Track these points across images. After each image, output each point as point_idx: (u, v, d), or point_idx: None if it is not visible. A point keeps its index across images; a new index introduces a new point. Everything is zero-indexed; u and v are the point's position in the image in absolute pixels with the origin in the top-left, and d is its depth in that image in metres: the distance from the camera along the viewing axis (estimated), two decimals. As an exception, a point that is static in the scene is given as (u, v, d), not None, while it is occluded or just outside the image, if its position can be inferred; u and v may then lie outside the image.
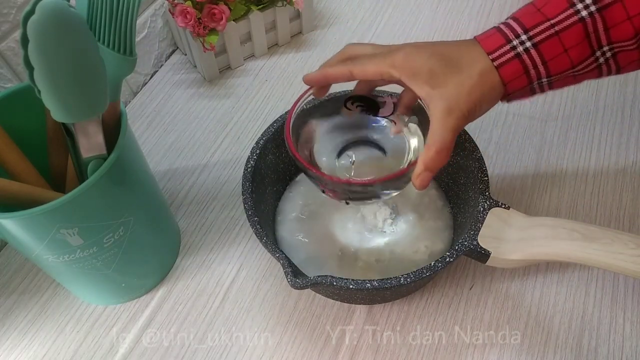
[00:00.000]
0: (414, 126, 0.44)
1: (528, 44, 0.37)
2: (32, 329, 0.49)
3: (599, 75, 0.40)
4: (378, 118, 0.46)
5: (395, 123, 0.45)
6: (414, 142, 0.44)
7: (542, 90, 0.41)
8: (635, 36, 0.35)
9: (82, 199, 0.36)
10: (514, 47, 0.37)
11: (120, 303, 0.50)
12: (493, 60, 0.37)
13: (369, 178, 0.42)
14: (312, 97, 0.45)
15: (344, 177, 0.43)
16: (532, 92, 0.41)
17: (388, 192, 0.43)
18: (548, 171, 0.57)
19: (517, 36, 0.37)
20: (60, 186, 0.43)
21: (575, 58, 0.37)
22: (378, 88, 0.46)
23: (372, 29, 0.68)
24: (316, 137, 0.46)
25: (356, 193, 0.42)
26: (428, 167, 0.37)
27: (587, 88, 0.65)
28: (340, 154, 0.45)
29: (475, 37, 0.39)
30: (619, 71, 0.39)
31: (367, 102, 0.46)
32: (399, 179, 0.40)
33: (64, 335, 0.48)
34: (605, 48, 0.37)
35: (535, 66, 0.37)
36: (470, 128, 0.52)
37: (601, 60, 0.38)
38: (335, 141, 0.45)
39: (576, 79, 0.40)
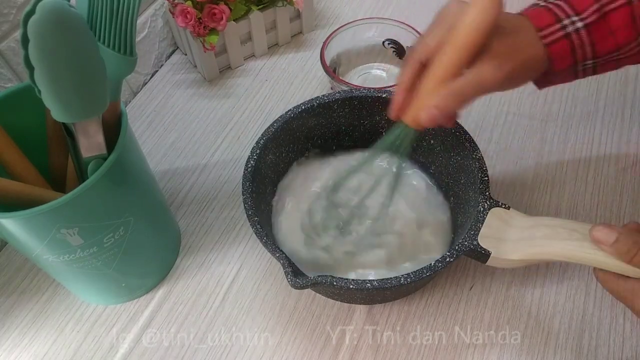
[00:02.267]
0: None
1: (579, 24, 0.38)
2: (32, 329, 0.49)
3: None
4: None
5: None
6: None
7: (585, 74, 0.41)
8: None
9: (83, 199, 0.36)
10: (564, 27, 0.38)
11: (120, 303, 0.50)
12: (543, 37, 0.38)
13: None
14: None
15: None
16: (575, 76, 0.42)
17: None
18: (548, 171, 0.57)
19: (568, 16, 0.38)
20: (60, 186, 0.43)
21: (621, 40, 0.38)
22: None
23: (373, 29, 0.68)
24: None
25: None
26: (447, 105, 0.36)
27: (587, 88, 0.65)
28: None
29: (522, 13, 0.40)
30: None
31: (397, 45, 0.60)
32: None
33: (64, 335, 0.48)
34: None
35: (582, 46, 0.39)
36: (470, 128, 0.52)
37: None
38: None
39: (618, 63, 0.41)
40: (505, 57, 0.36)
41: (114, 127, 0.40)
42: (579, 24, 0.38)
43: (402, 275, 0.39)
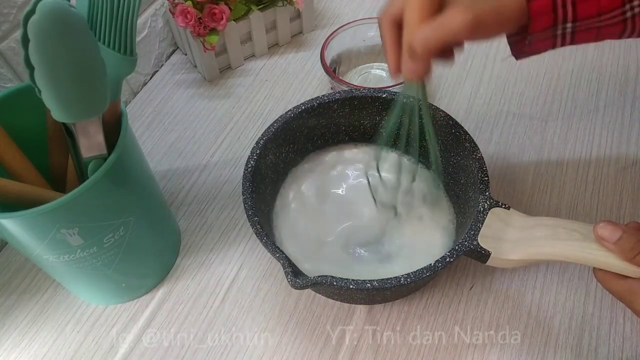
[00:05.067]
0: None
1: None
2: (32, 329, 0.49)
3: (622, 32, 0.39)
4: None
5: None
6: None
7: (563, 42, 0.39)
8: None
9: (83, 199, 0.36)
10: None
11: (120, 303, 0.50)
12: None
13: None
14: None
15: None
16: (553, 42, 0.40)
17: None
18: (548, 171, 0.57)
19: None
20: (60, 186, 0.43)
21: (605, 5, 0.36)
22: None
23: (372, 29, 0.68)
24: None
25: None
26: (417, 52, 0.36)
27: (587, 88, 0.65)
28: None
29: None
30: None
31: None
32: None
33: (64, 335, 0.48)
34: (635, 2, 0.36)
35: (564, 5, 0.37)
36: (470, 128, 0.52)
37: (628, 14, 0.37)
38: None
39: (599, 32, 0.38)
40: (467, 8, 0.35)
41: (114, 127, 0.40)
42: None
43: (402, 275, 0.39)
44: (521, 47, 0.41)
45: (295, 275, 0.39)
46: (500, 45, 0.72)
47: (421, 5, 0.36)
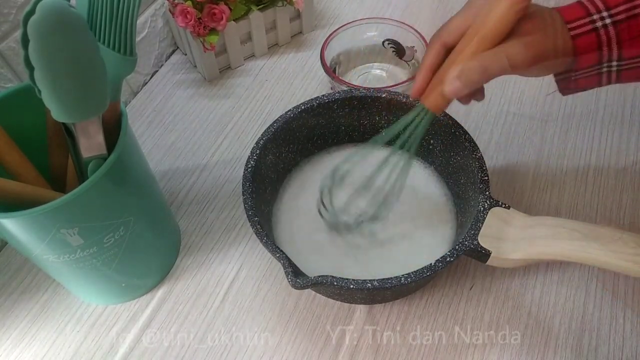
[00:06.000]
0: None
1: (608, 20, 0.37)
2: (32, 329, 0.49)
3: None
4: None
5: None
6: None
7: (609, 80, 0.40)
8: None
9: (83, 199, 0.36)
10: (593, 21, 0.38)
11: (120, 303, 0.50)
12: (570, 29, 0.38)
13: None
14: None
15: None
16: (599, 79, 0.41)
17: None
18: (548, 171, 0.57)
19: (598, 11, 0.38)
20: (60, 186, 0.43)
21: None
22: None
23: (372, 28, 0.68)
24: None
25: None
26: (469, 80, 0.37)
27: (587, 88, 0.65)
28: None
29: (555, 8, 0.39)
30: None
31: (397, 45, 0.61)
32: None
33: (64, 335, 0.48)
34: None
35: (609, 44, 0.38)
36: (470, 128, 0.52)
37: None
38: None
39: None
40: (535, 38, 0.37)
41: (114, 127, 0.40)
42: (608, 20, 0.37)
43: (402, 275, 0.39)
44: (567, 83, 0.42)
45: (295, 275, 0.39)
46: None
47: (485, 43, 0.37)
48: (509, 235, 0.41)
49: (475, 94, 0.43)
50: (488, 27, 0.36)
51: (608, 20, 0.38)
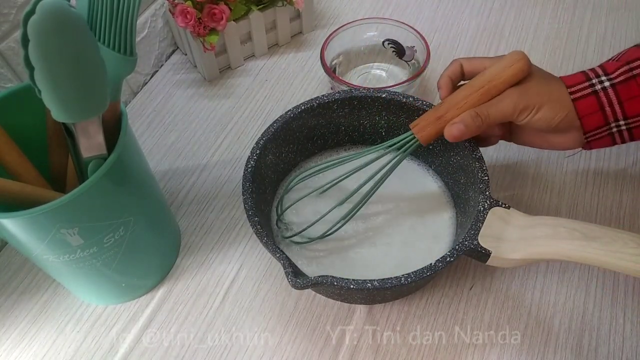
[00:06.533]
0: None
1: (607, 83, 0.41)
2: (32, 329, 0.49)
3: None
4: None
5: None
6: None
7: (622, 139, 0.43)
8: None
9: (83, 199, 0.36)
10: (592, 85, 0.41)
11: (120, 303, 0.50)
12: (571, 93, 0.42)
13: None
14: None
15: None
16: (612, 140, 0.43)
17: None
18: (548, 171, 0.57)
19: (598, 76, 0.41)
20: (60, 186, 0.43)
21: None
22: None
23: (372, 28, 0.68)
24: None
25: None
26: (464, 120, 0.42)
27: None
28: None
29: (560, 77, 0.44)
30: None
31: (397, 45, 0.63)
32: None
33: (64, 335, 0.48)
34: None
35: (610, 104, 0.41)
36: (470, 128, 0.52)
37: None
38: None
39: None
40: (533, 98, 0.41)
41: (114, 127, 0.40)
42: (607, 83, 0.41)
43: (403, 275, 0.39)
44: (587, 144, 0.45)
45: (295, 275, 0.39)
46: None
47: (487, 98, 0.42)
48: (509, 235, 0.41)
49: (487, 140, 0.48)
50: (493, 84, 0.41)
51: (607, 83, 0.41)
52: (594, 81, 0.41)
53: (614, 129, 0.42)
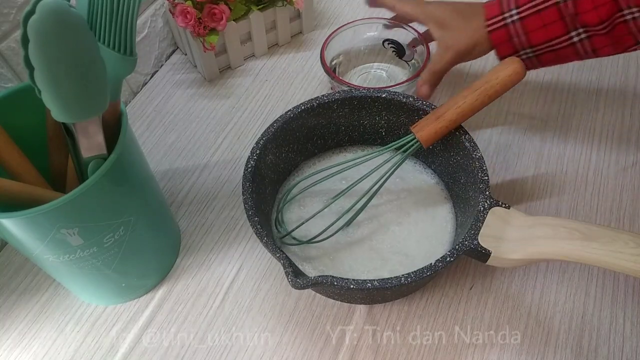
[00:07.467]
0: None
1: (516, 17, 0.48)
2: (32, 329, 0.49)
3: (577, 54, 0.49)
4: None
5: None
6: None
7: (532, 65, 0.51)
8: (601, 23, 0.45)
9: (83, 199, 0.36)
10: (504, 19, 0.49)
11: (120, 303, 0.50)
12: (487, 26, 0.50)
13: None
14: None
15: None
16: (528, 62, 0.50)
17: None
18: (548, 171, 0.57)
19: (509, 10, 0.48)
20: (60, 186, 0.43)
21: (551, 33, 0.47)
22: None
23: (372, 28, 0.68)
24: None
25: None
26: (425, 81, 0.53)
27: (587, 88, 0.65)
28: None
29: (483, 5, 0.51)
30: (595, 53, 0.48)
31: (397, 45, 0.64)
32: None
33: (64, 335, 0.48)
34: (580, 30, 0.46)
35: (518, 35, 0.48)
36: (470, 128, 0.52)
37: (575, 39, 0.47)
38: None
39: (557, 55, 0.49)
40: (448, 47, 0.52)
41: (114, 127, 0.40)
42: (516, 17, 0.48)
43: (402, 275, 0.39)
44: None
45: (295, 275, 0.39)
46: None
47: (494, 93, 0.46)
48: (509, 235, 0.41)
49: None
50: (490, 84, 0.44)
51: (516, 17, 0.48)
52: (506, 14, 0.48)
53: (524, 56, 0.50)
